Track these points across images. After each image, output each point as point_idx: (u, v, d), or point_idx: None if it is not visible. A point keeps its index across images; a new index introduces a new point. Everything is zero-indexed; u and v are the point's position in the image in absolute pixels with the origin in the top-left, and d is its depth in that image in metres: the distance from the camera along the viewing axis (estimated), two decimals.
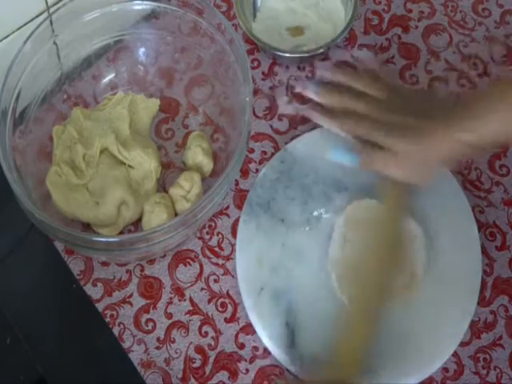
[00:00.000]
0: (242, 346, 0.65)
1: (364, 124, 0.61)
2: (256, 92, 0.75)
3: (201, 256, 0.68)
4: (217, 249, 0.69)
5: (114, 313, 0.66)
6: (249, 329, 0.65)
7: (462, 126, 0.56)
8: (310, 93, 0.66)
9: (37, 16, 0.68)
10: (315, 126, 0.73)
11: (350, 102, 0.63)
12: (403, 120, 0.60)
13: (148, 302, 0.66)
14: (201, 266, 0.68)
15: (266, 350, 0.64)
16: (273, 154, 0.71)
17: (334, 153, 0.65)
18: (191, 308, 0.66)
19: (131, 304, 0.66)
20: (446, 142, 0.57)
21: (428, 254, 0.65)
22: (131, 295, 0.67)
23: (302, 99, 0.75)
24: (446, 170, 0.67)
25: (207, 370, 0.64)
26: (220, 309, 0.66)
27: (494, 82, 0.71)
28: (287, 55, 0.74)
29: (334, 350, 0.60)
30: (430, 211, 0.67)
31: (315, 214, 0.68)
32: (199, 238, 0.69)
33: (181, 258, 0.68)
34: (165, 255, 0.68)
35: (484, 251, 0.67)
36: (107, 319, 0.66)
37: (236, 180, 0.71)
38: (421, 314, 0.63)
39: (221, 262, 0.68)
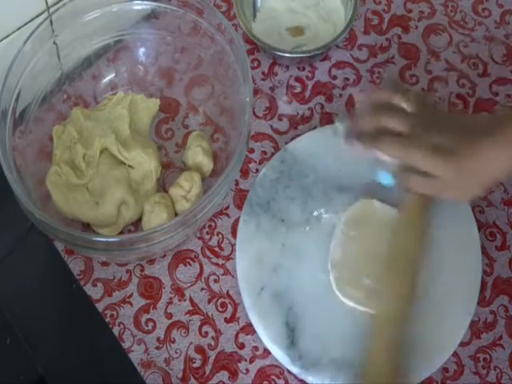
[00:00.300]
0: (241, 346, 0.65)
1: (401, 142, 0.57)
2: (256, 92, 0.75)
3: (201, 256, 0.68)
4: (217, 249, 0.69)
5: (114, 313, 0.66)
6: (249, 329, 0.65)
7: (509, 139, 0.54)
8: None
9: (37, 16, 0.68)
10: (315, 126, 0.73)
11: (385, 118, 0.59)
12: (442, 140, 0.56)
13: (148, 301, 0.66)
14: (201, 266, 0.68)
15: (266, 350, 0.64)
16: (273, 154, 0.71)
17: (383, 177, 0.62)
18: (191, 308, 0.66)
19: (131, 304, 0.66)
20: (493, 157, 0.55)
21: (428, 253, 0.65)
22: (131, 295, 0.67)
23: (303, 99, 0.75)
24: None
25: (207, 369, 0.64)
26: (220, 309, 0.66)
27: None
28: (287, 55, 0.74)
29: (367, 359, 0.60)
30: (429, 211, 0.67)
31: (315, 214, 0.68)
32: (199, 238, 0.69)
33: (181, 257, 0.68)
34: (165, 255, 0.68)
35: (484, 251, 0.67)
36: (107, 319, 0.66)
37: (236, 180, 0.71)
38: (421, 314, 0.63)
39: (221, 261, 0.68)
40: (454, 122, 0.59)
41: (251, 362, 0.64)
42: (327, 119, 0.74)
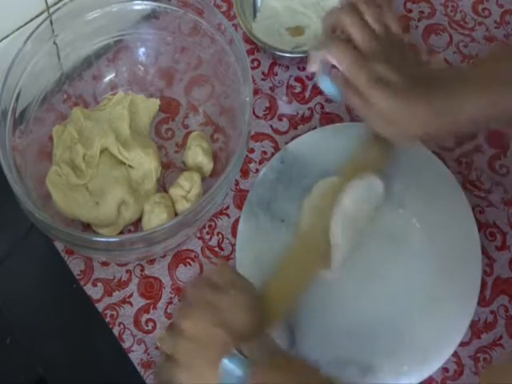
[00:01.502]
0: None
1: (354, 56, 0.57)
2: (256, 92, 0.75)
3: (201, 256, 0.68)
4: (217, 249, 0.68)
5: (114, 313, 0.66)
6: None
7: (441, 104, 0.55)
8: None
9: (37, 16, 0.68)
10: (315, 126, 0.73)
11: (349, 23, 0.58)
12: (392, 73, 0.56)
13: (148, 301, 0.66)
14: (201, 266, 0.68)
15: None
16: (273, 154, 0.71)
17: (322, 81, 0.61)
18: None
19: (131, 304, 0.66)
20: (424, 114, 0.55)
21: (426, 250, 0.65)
22: (131, 295, 0.67)
23: (303, 99, 0.75)
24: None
25: None
26: None
27: (474, 63, 0.68)
28: (287, 55, 0.73)
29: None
30: (430, 211, 0.67)
31: None
32: (199, 238, 0.69)
33: (181, 258, 0.68)
34: (165, 255, 0.68)
35: (484, 251, 0.67)
36: (107, 319, 0.66)
37: (236, 180, 0.71)
38: (421, 314, 0.63)
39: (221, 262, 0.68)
40: (409, 63, 0.59)
41: None
42: (327, 119, 0.74)
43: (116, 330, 0.65)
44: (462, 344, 0.63)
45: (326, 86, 0.61)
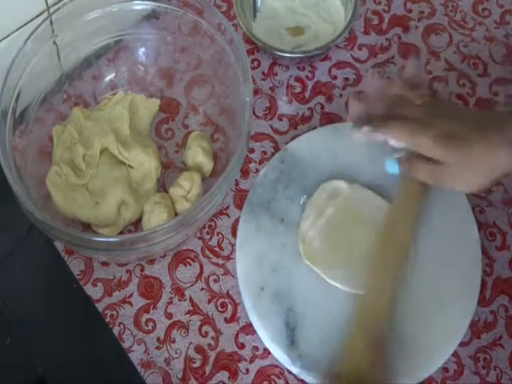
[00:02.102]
0: (242, 346, 0.65)
1: (412, 126, 0.57)
2: (256, 92, 0.75)
3: (201, 256, 0.68)
4: (217, 249, 0.69)
5: (114, 313, 0.66)
6: (249, 329, 0.65)
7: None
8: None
9: (37, 16, 0.68)
10: (315, 126, 0.73)
11: (394, 105, 0.60)
12: (454, 127, 0.56)
13: (148, 301, 0.66)
14: (201, 266, 0.68)
15: (266, 350, 0.64)
16: (273, 154, 0.71)
17: (389, 164, 0.62)
18: (191, 308, 0.66)
19: (131, 304, 0.66)
20: (497, 148, 0.55)
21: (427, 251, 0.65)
22: (131, 295, 0.67)
23: (303, 99, 0.75)
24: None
25: (207, 369, 0.64)
26: (220, 309, 0.66)
27: None
28: (287, 55, 0.73)
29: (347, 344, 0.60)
30: (430, 211, 0.67)
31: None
32: (199, 238, 0.69)
33: (181, 257, 0.68)
34: (165, 255, 0.68)
35: (484, 251, 0.67)
36: (107, 319, 0.66)
37: (236, 180, 0.71)
38: (421, 314, 0.63)
39: (221, 261, 0.68)
40: (465, 112, 0.60)
41: (251, 362, 0.64)
42: (327, 119, 0.74)
43: (116, 330, 0.65)
44: (462, 344, 0.63)
45: (394, 167, 0.62)
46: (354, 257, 0.65)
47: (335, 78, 0.76)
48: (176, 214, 0.67)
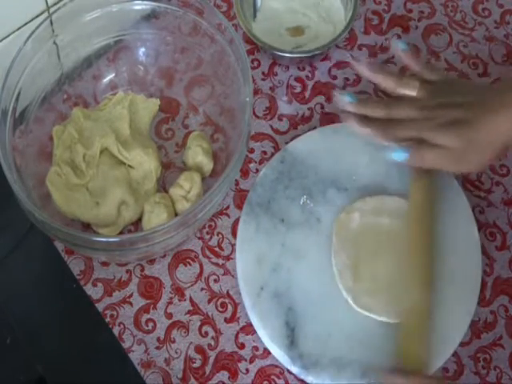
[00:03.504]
0: (242, 346, 0.65)
1: (410, 126, 0.61)
2: (256, 92, 0.75)
3: (201, 256, 0.68)
4: (217, 249, 0.69)
5: (114, 313, 0.66)
6: (249, 329, 0.65)
7: (504, 112, 0.57)
8: (346, 105, 0.64)
9: (37, 16, 0.68)
10: (315, 126, 0.73)
11: (388, 109, 0.62)
12: (453, 114, 0.59)
13: (148, 301, 0.66)
14: (201, 265, 0.68)
15: (266, 350, 0.64)
16: (273, 154, 0.71)
17: (396, 154, 0.62)
18: (191, 308, 0.66)
19: (131, 304, 0.66)
20: (497, 126, 0.57)
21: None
22: (131, 295, 0.67)
23: (303, 99, 0.75)
24: (499, 157, 0.66)
25: (207, 369, 0.64)
26: (220, 309, 0.66)
27: None
28: (287, 55, 0.73)
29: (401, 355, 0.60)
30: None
31: (315, 213, 0.68)
32: (199, 238, 0.69)
33: (181, 258, 0.68)
34: (165, 255, 0.68)
35: (484, 251, 0.67)
36: (107, 319, 0.66)
37: (236, 180, 0.71)
38: None
39: (221, 262, 0.68)
40: (464, 89, 0.62)
41: (251, 362, 0.64)
42: (327, 119, 0.74)
43: (116, 330, 0.65)
44: (462, 344, 0.63)
45: (400, 155, 0.62)
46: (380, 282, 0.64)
47: (335, 78, 0.76)
48: (176, 214, 0.67)
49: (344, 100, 0.64)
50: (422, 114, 0.61)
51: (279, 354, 0.63)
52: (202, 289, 0.67)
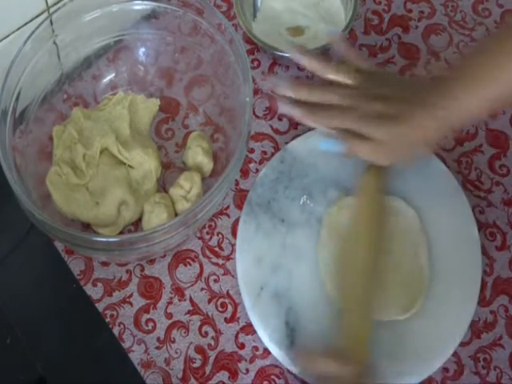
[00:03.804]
0: (242, 346, 0.65)
1: (340, 116, 0.60)
2: (256, 92, 0.75)
3: (201, 256, 0.68)
4: (217, 249, 0.69)
5: (114, 313, 0.66)
6: (249, 329, 0.65)
7: (435, 103, 0.57)
8: (282, 89, 0.64)
9: (37, 16, 0.68)
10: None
11: (322, 94, 0.62)
12: (381, 107, 0.59)
13: (148, 301, 0.66)
14: (201, 265, 0.68)
15: (266, 350, 0.64)
16: (273, 154, 0.71)
17: (323, 143, 0.63)
18: (191, 308, 0.66)
19: (131, 304, 0.66)
20: (423, 122, 0.57)
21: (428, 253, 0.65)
22: (131, 295, 0.67)
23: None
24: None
25: (207, 369, 0.64)
26: (220, 309, 0.66)
27: (464, 58, 0.68)
28: (287, 55, 0.73)
29: (338, 343, 0.60)
30: (430, 211, 0.67)
31: (315, 213, 0.68)
32: (199, 238, 0.69)
33: (181, 258, 0.68)
34: (165, 255, 0.68)
35: (484, 251, 0.67)
36: (107, 319, 0.66)
37: (236, 180, 0.71)
38: (421, 313, 0.63)
39: (221, 261, 0.68)
40: (391, 87, 0.61)
41: (251, 362, 0.64)
42: None
43: (116, 330, 0.65)
44: (462, 344, 0.63)
45: (330, 146, 0.63)
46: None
47: None
48: (176, 214, 0.67)
49: (278, 83, 0.64)
50: (349, 101, 0.60)
51: (279, 354, 0.63)
52: (202, 289, 0.67)
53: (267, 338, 0.63)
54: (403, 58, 0.77)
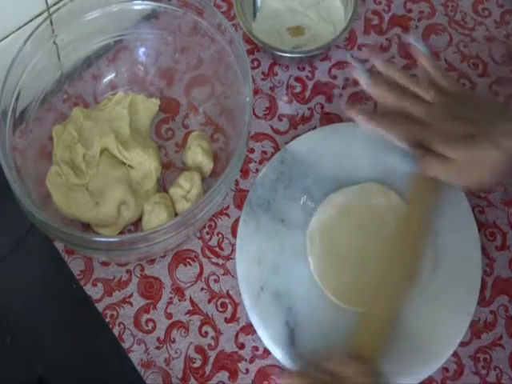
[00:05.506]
0: (242, 346, 0.65)
1: (422, 130, 0.60)
2: (256, 92, 0.75)
3: (201, 256, 0.68)
4: (217, 249, 0.69)
5: (114, 313, 0.66)
6: (249, 329, 0.65)
7: (504, 130, 0.57)
8: (362, 80, 0.63)
9: (37, 16, 0.68)
10: (315, 126, 0.73)
11: (403, 101, 0.62)
12: (463, 128, 0.59)
13: (148, 301, 0.66)
14: (201, 265, 0.68)
15: (266, 350, 0.64)
16: (273, 154, 0.71)
17: (400, 160, 0.64)
18: (191, 308, 0.66)
19: (131, 304, 0.66)
20: (490, 149, 0.57)
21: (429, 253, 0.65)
22: (131, 295, 0.67)
23: (303, 99, 0.75)
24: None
25: (207, 369, 0.64)
26: (220, 309, 0.66)
27: None
28: (287, 55, 0.73)
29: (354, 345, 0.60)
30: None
31: (315, 213, 0.68)
32: (199, 238, 0.69)
33: (181, 258, 0.68)
34: (165, 255, 0.68)
35: (484, 251, 0.67)
36: (107, 319, 0.66)
37: (236, 180, 0.71)
38: (421, 313, 0.63)
39: (221, 261, 0.68)
40: (472, 109, 0.61)
41: (251, 362, 0.64)
42: (327, 119, 0.74)
43: (116, 330, 0.65)
44: (462, 344, 0.63)
45: (405, 163, 0.64)
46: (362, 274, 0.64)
47: (335, 78, 0.76)
48: (176, 214, 0.67)
49: (361, 76, 0.63)
50: (435, 121, 0.60)
51: (279, 353, 0.63)
52: (202, 289, 0.67)
53: (267, 338, 0.63)
54: (403, 58, 0.77)
